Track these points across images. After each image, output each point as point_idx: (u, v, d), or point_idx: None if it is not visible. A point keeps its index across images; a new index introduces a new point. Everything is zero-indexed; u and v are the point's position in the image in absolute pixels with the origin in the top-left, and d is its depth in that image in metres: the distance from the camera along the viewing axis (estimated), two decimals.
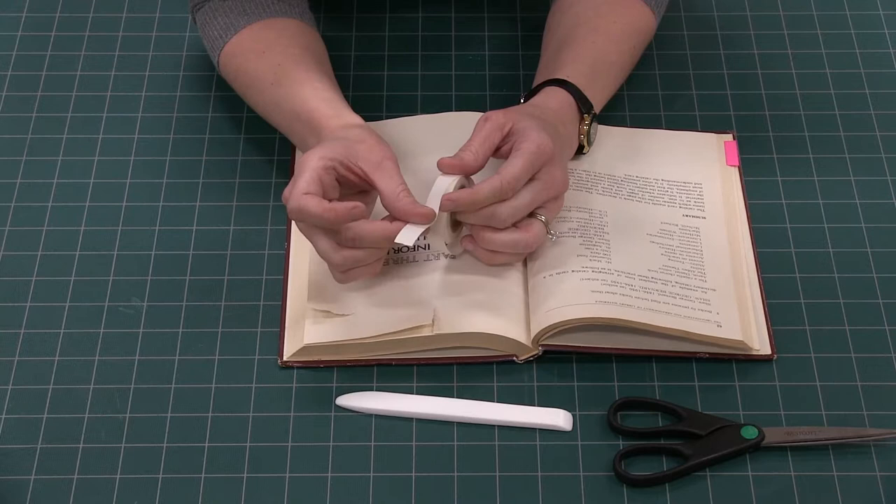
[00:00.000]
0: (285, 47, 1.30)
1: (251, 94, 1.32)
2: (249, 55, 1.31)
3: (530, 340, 1.20)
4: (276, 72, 1.29)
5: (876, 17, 1.49)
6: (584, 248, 1.24)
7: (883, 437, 1.16)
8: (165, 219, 1.31)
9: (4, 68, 1.44)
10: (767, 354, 1.21)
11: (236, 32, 1.32)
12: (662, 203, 1.30)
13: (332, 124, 1.24)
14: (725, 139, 1.36)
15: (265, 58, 1.30)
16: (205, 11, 1.35)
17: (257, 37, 1.32)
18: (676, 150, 1.35)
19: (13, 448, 1.16)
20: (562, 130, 1.25)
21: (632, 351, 1.21)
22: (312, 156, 1.17)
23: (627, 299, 1.19)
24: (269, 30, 1.32)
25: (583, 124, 1.29)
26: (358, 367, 1.21)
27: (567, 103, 1.28)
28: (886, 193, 1.33)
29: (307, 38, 1.33)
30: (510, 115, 1.22)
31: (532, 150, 1.19)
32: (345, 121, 1.24)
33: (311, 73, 1.28)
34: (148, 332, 1.23)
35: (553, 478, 1.15)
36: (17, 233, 1.30)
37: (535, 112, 1.24)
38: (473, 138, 1.21)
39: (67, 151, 1.37)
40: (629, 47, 1.35)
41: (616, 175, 1.31)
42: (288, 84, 1.28)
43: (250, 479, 1.15)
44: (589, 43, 1.32)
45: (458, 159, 1.19)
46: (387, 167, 1.19)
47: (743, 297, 1.23)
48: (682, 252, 1.25)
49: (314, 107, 1.25)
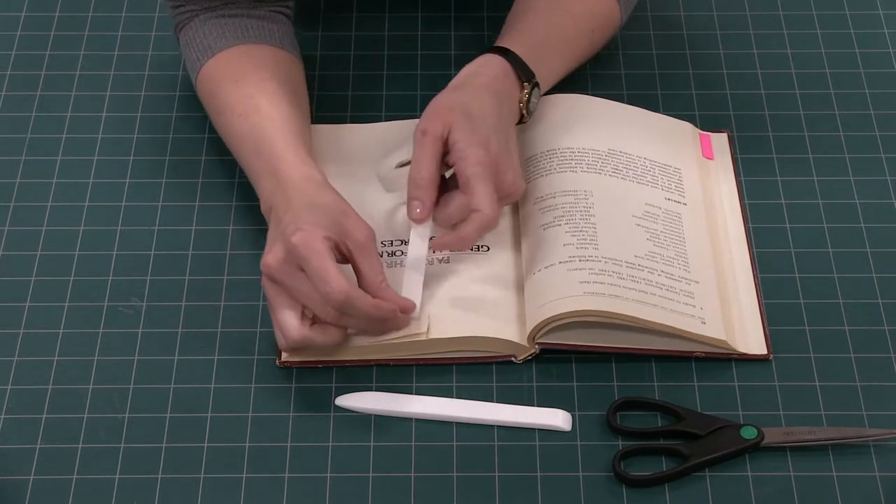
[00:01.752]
0: (260, 79, 1.28)
1: (221, 121, 1.29)
2: (224, 82, 1.29)
3: (526, 339, 1.20)
4: (247, 104, 1.26)
5: (876, 16, 1.49)
6: (570, 237, 1.23)
7: (882, 437, 1.16)
8: (165, 218, 1.31)
9: (4, 68, 1.44)
10: (763, 354, 1.21)
11: (213, 55, 1.30)
12: (646, 183, 1.29)
13: (294, 174, 1.21)
14: (700, 132, 1.36)
15: (239, 87, 1.28)
16: (186, 31, 1.33)
17: (235, 64, 1.30)
18: (654, 131, 1.35)
19: (12, 448, 1.16)
20: (504, 100, 1.25)
21: (631, 350, 1.21)
22: (315, 236, 1.14)
23: (615, 289, 1.19)
24: (248, 57, 1.30)
25: (522, 93, 1.28)
26: (357, 367, 1.21)
27: (503, 71, 1.27)
28: (886, 193, 1.33)
29: (285, 70, 1.31)
30: (445, 118, 1.21)
31: (478, 172, 1.18)
32: (306, 172, 1.21)
33: (281, 110, 1.26)
34: (147, 332, 1.23)
35: (552, 478, 1.14)
36: (17, 232, 1.30)
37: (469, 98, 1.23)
38: (420, 162, 1.20)
39: (67, 151, 1.37)
40: (588, 28, 1.34)
41: (600, 150, 1.31)
42: (256, 119, 1.25)
43: (249, 480, 1.14)
44: (544, 16, 1.32)
45: (422, 207, 1.19)
46: (370, 250, 1.17)
47: (726, 296, 1.23)
48: (666, 238, 1.25)
49: (278, 149, 1.23)
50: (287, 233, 1.15)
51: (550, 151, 1.30)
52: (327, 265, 1.14)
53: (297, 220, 1.16)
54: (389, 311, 1.17)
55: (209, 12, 1.32)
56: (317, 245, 1.14)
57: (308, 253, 1.14)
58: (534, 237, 1.25)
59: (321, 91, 1.42)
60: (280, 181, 1.21)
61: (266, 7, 1.33)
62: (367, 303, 1.15)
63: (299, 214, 1.16)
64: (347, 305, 1.14)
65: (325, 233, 1.15)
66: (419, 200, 1.20)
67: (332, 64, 1.44)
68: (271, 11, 1.34)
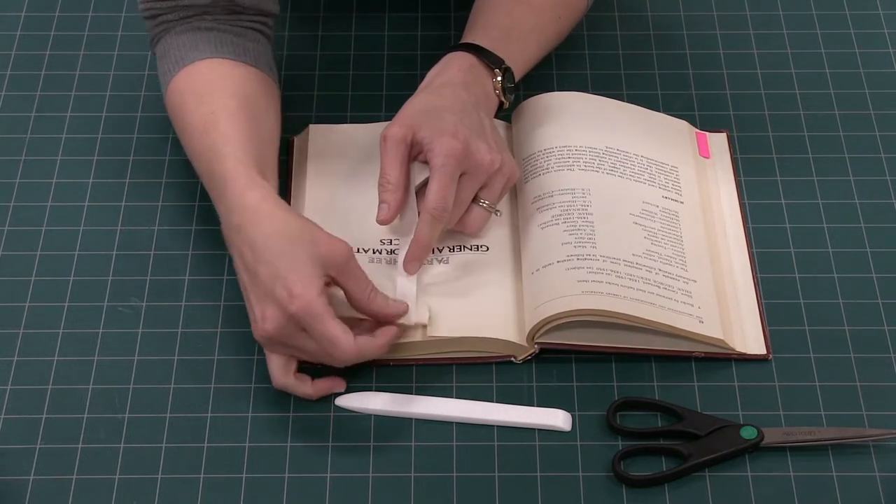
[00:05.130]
0: (224, 97, 1.25)
1: (183, 138, 1.27)
2: (189, 97, 1.26)
3: (525, 339, 1.20)
4: (207, 121, 1.23)
5: (876, 16, 1.49)
6: (568, 235, 1.23)
7: (882, 438, 1.16)
8: (164, 218, 1.31)
9: (3, 68, 1.44)
10: (762, 354, 1.21)
11: (182, 67, 1.27)
12: (643, 181, 1.29)
13: (247, 199, 1.17)
14: (696, 130, 1.36)
15: (203, 103, 1.25)
16: (161, 44, 1.30)
17: (203, 78, 1.27)
18: (651, 129, 1.35)
19: (12, 448, 1.16)
20: (473, 89, 1.26)
21: (630, 350, 1.21)
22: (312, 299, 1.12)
23: (613, 288, 1.19)
24: (215, 73, 1.27)
25: (495, 80, 1.28)
26: (357, 366, 1.21)
27: (468, 64, 1.27)
28: (886, 193, 1.33)
29: (253, 88, 1.27)
30: (407, 121, 1.21)
31: (442, 164, 1.19)
32: (257, 195, 1.17)
33: (239, 130, 1.22)
34: (147, 332, 1.23)
35: (552, 478, 1.14)
36: (16, 232, 1.30)
37: (430, 97, 1.24)
38: (385, 167, 1.21)
39: (66, 151, 1.37)
40: (552, 17, 1.34)
41: (597, 147, 1.31)
42: (214, 136, 1.22)
43: (249, 480, 1.14)
44: (506, 11, 1.32)
45: (388, 209, 1.20)
46: (352, 268, 1.16)
47: (724, 295, 1.23)
48: (664, 237, 1.25)
49: (229, 169, 1.19)
50: (281, 300, 1.12)
51: (548, 150, 1.30)
52: (332, 329, 1.13)
53: (280, 275, 1.13)
54: (394, 338, 1.18)
55: (185, 23, 1.29)
56: (317, 309, 1.12)
57: (311, 320, 1.13)
58: (532, 236, 1.25)
59: (321, 91, 1.42)
60: (232, 207, 1.18)
61: (245, 23, 1.30)
62: (376, 347, 1.16)
63: (277, 265, 1.13)
64: (360, 358, 1.16)
65: (316, 288, 1.13)
66: (386, 203, 1.21)
67: (332, 64, 1.44)
68: (249, 29, 1.31)
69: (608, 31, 1.47)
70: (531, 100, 1.35)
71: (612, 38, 1.46)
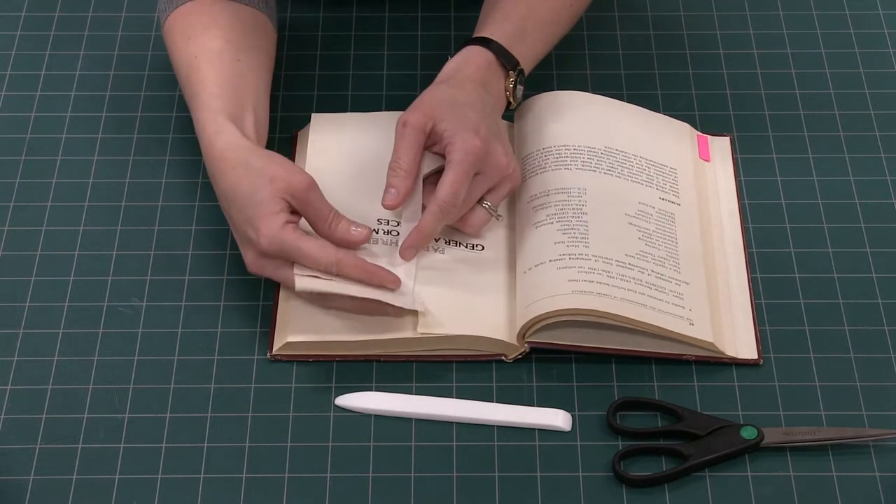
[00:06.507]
0: (209, 38, 1.27)
1: (178, 79, 1.30)
2: (178, 38, 1.29)
3: (515, 338, 1.20)
4: (190, 64, 1.27)
5: (876, 16, 1.49)
6: (561, 234, 1.23)
7: (882, 438, 1.16)
8: (165, 218, 1.31)
9: (3, 68, 1.44)
10: (753, 359, 1.21)
11: (176, 8, 1.30)
12: (640, 182, 1.29)
13: (214, 148, 1.21)
14: (697, 133, 1.36)
15: (190, 45, 1.28)
16: None
17: (194, 19, 1.29)
18: (652, 130, 1.34)
19: (12, 448, 1.16)
20: (490, 89, 1.26)
21: (622, 351, 1.20)
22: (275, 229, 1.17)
23: (604, 287, 1.19)
24: (204, 14, 1.29)
25: (507, 81, 1.29)
26: (357, 363, 1.21)
27: (487, 62, 1.28)
28: (886, 193, 1.33)
29: (240, 29, 1.29)
30: (428, 111, 1.22)
31: (460, 160, 1.19)
32: (225, 140, 1.21)
33: (217, 74, 1.25)
34: (147, 332, 1.23)
35: (552, 478, 1.15)
36: (16, 232, 1.30)
37: (453, 90, 1.24)
38: (399, 152, 1.21)
39: (66, 151, 1.37)
40: (564, 4, 1.34)
41: (596, 147, 1.30)
42: (194, 81, 1.26)
43: (249, 480, 1.15)
44: (520, 1, 1.32)
45: (395, 194, 1.20)
46: (311, 198, 1.18)
47: (717, 299, 1.23)
48: (658, 238, 1.25)
49: (202, 117, 1.23)
50: (253, 240, 1.18)
51: (546, 149, 1.30)
52: (306, 248, 1.17)
53: (248, 218, 1.18)
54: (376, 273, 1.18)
55: None
56: (284, 238, 1.17)
57: (283, 249, 1.17)
58: (526, 235, 1.25)
59: (321, 91, 1.42)
60: (206, 157, 1.23)
61: None
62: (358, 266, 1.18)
63: (245, 211, 1.18)
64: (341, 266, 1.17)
65: (279, 222, 1.17)
66: (395, 188, 1.21)
67: (331, 64, 1.44)
68: None
69: (608, 31, 1.47)
70: (532, 99, 1.35)
71: (612, 38, 1.46)
